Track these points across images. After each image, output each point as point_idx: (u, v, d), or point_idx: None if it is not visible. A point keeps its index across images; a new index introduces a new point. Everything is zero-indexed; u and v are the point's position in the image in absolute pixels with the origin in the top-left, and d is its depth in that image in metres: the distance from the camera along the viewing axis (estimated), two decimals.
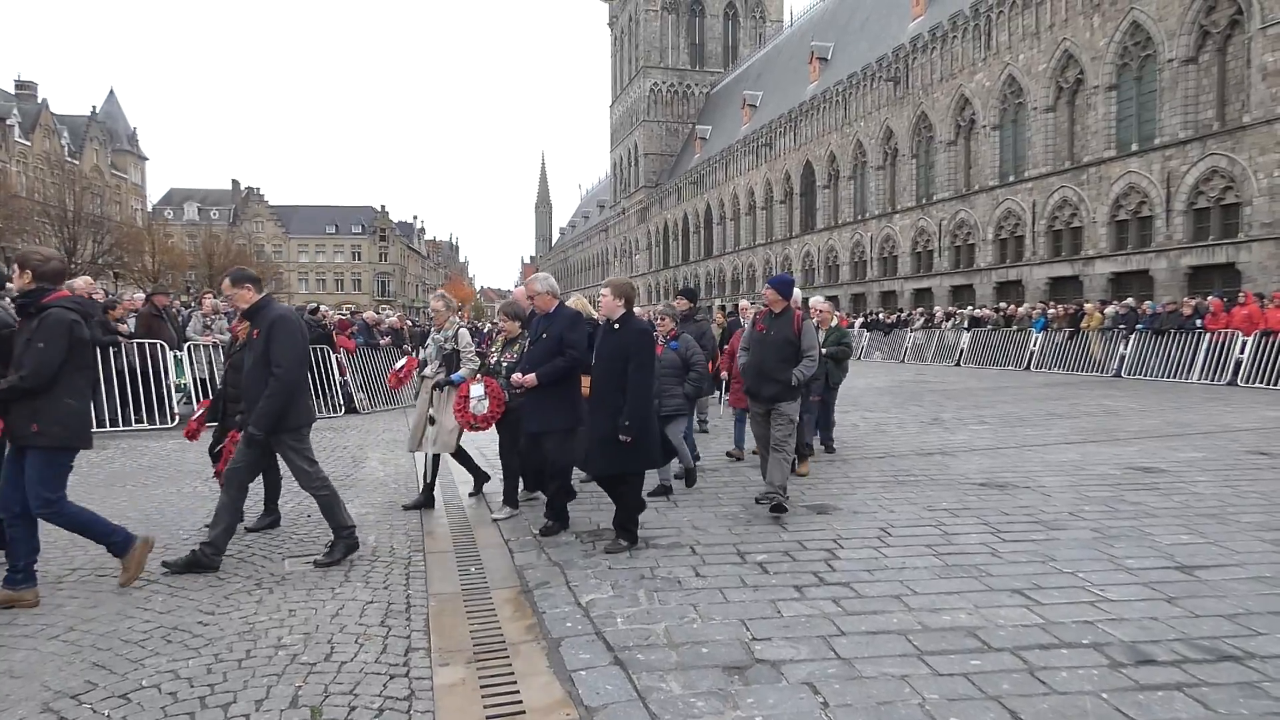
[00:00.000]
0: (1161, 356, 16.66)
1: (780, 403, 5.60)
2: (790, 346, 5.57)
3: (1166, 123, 25.12)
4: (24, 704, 2.92)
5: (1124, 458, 7.71)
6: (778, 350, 5.58)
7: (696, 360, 6.43)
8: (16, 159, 48.99)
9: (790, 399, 5.60)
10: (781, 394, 5.56)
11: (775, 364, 5.55)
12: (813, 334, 5.65)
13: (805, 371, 5.52)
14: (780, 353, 5.58)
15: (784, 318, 5.67)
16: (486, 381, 5.83)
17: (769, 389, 5.59)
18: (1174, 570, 4.29)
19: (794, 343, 5.56)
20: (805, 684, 3.02)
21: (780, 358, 5.56)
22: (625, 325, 4.84)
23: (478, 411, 5.71)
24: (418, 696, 2.99)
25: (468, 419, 5.77)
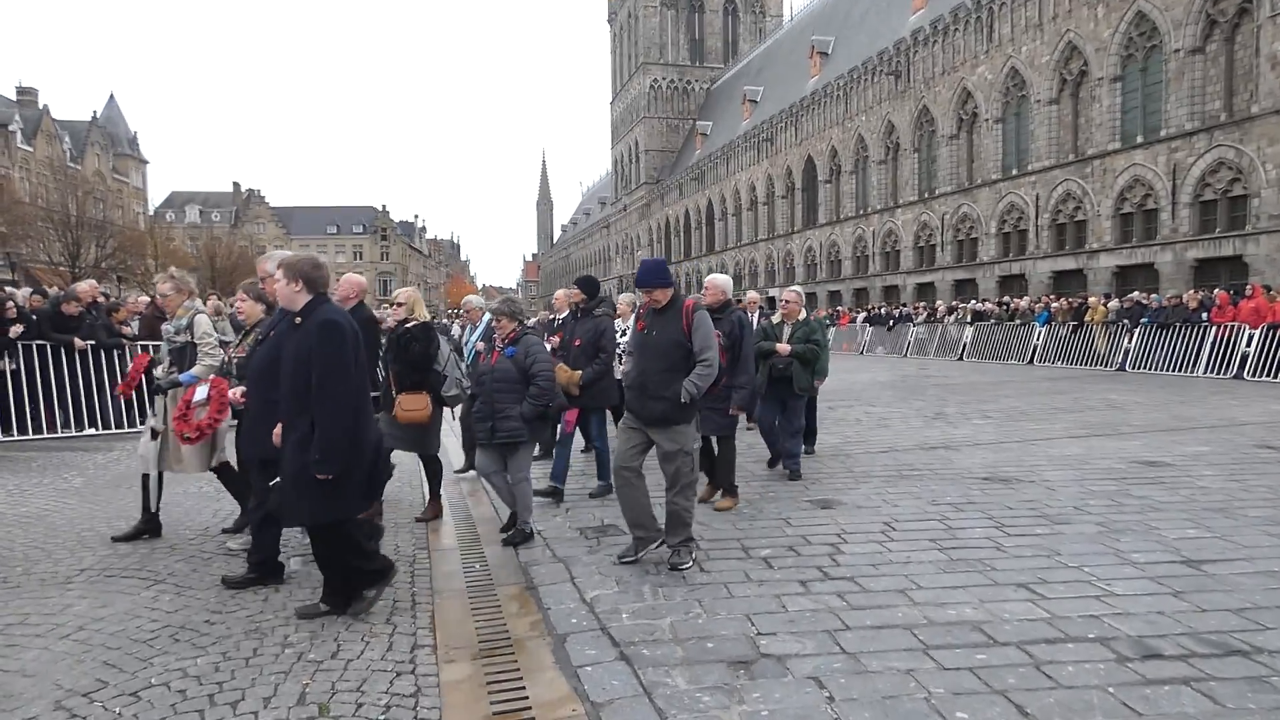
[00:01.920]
0: (1166, 350, 16.59)
1: (671, 426, 4.35)
2: (679, 350, 4.37)
3: (1172, 114, 25.00)
4: (36, 702, 2.94)
5: (1129, 452, 7.69)
6: (662, 356, 4.38)
7: (539, 370, 4.93)
8: (19, 165, 49.06)
9: (684, 420, 4.35)
10: (671, 414, 4.30)
11: (658, 374, 4.34)
12: (709, 331, 4.43)
13: (700, 382, 4.31)
14: (665, 359, 4.36)
15: (669, 313, 4.47)
16: (212, 383, 4.76)
17: (654, 407, 4.34)
18: (1180, 565, 4.28)
19: (683, 345, 4.38)
20: (811, 678, 3.02)
21: (665, 365, 4.35)
22: (309, 318, 3.60)
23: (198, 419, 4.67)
24: (424, 693, 3.00)
25: (182, 429, 4.68)
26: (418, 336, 5.41)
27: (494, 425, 4.90)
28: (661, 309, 4.53)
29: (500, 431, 4.89)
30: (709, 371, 4.36)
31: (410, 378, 5.36)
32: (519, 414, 4.88)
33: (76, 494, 6.56)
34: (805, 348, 6.71)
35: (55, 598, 4.05)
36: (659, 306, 4.53)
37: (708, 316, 4.58)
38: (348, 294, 5.76)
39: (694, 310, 4.47)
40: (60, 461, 8.15)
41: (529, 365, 4.95)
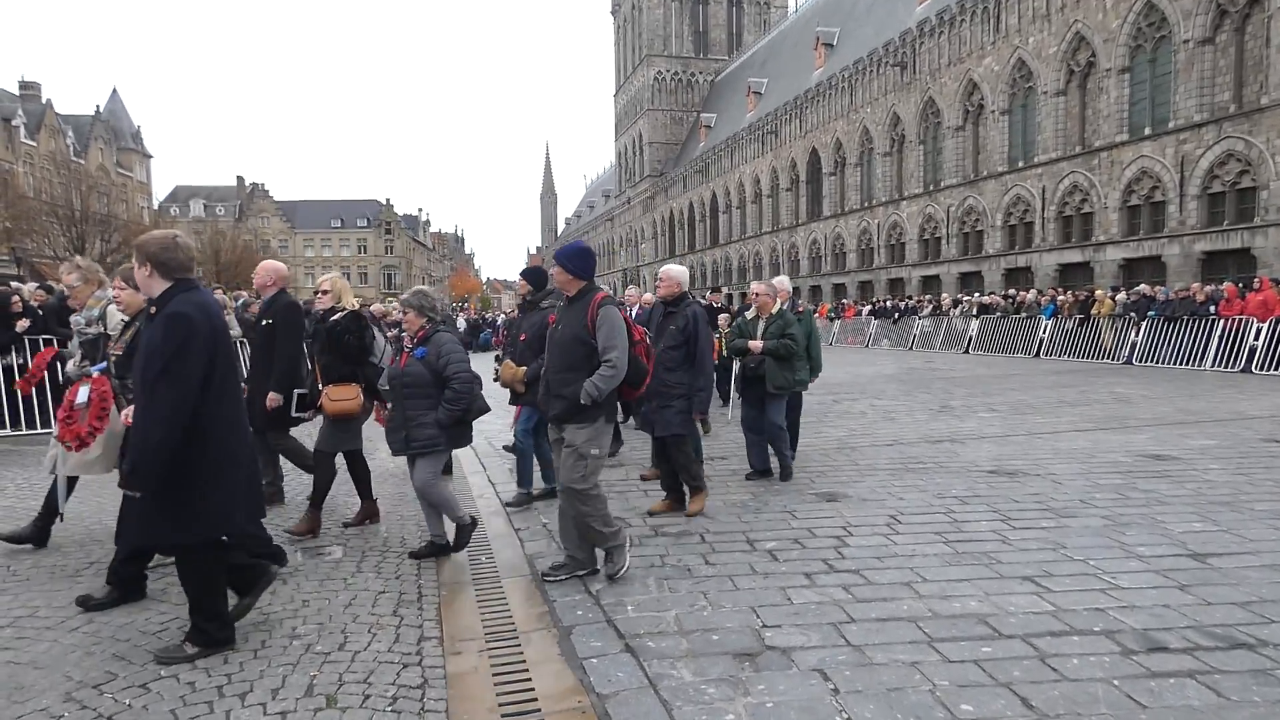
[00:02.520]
0: (1173, 344, 16.52)
1: (569, 425, 4.05)
2: (581, 347, 4.02)
3: (1181, 105, 24.82)
4: (47, 694, 2.96)
5: (1135, 445, 7.67)
6: (563, 352, 4.07)
7: (454, 372, 4.41)
8: (23, 159, 49.16)
9: (583, 420, 4.01)
10: (569, 414, 4.03)
11: (558, 372, 4.07)
12: (615, 329, 3.99)
13: (602, 385, 3.93)
14: (566, 356, 4.06)
15: (577, 306, 4.12)
16: (93, 383, 4.27)
17: (554, 405, 4.09)
18: (1186, 558, 4.27)
19: (586, 342, 4.01)
20: (816, 671, 3.03)
21: (565, 364, 4.05)
22: (161, 308, 3.16)
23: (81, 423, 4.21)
24: (431, 685, 3.02)
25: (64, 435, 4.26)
26: (350, 328, 5.07)
27: (408, 435, 4.42)
28: (571, 301, 4.17)
29: (415, 441, 4.42)
30: (612, 374, 3.95)
31: (340, 370, 5.06)
32: (434, 421, 4.40)
33: (84, 488, 6.58)
34: (778, 344, 6.19)
35: (64, 591, 4.08)
36: (570, 298, 4.18)
37: (617, 314, 4.05)
38: (265, 281, 5.61)
39: (600, 305, 4.03)
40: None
41: (442, 367, 4.43)
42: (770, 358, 6.22)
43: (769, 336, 6.27)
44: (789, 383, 6.32)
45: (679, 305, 5.49)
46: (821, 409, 10.94)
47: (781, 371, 6.26)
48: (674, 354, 5.33)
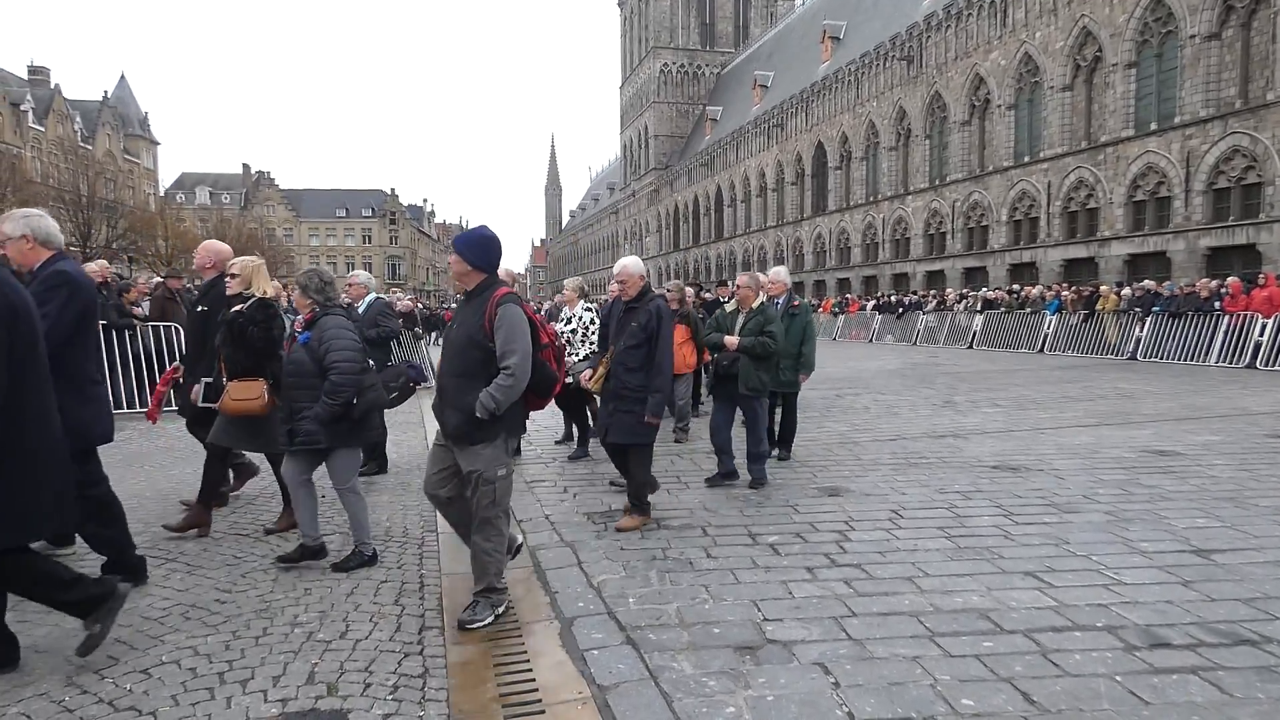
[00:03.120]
0: (1178, 339, 16.46)
1: (468, 445, 3.49)
2: (476, 351, 3.47)
3: (1187, 101, 24.69)
4: (49, 678, 2.97)
5: (1139, 441, 7.65)
6: (458, 357, 3.54)
7: (334, 361, 3.98)
8: (31, 144, 49.25)
9: (483, 439, 3.46)
10: (465, 429, 3.45)
11: (451, 379, 3.54)
12: (517, 330, 3.43)
13: (500, 395, 3.37)
14: (459, 360, 3.52)
15: (474, 303, 3.56)
16: None
17: (448, 419, 3.53)
18: (1190, 554, 4.26)
19: (482, 345, 3.45)
20: (817, 664, 3.03)
21: (460, 369, 3.51)
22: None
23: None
24: (431, 674, 3.02)
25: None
26: (255, 318, 4.58)
27: (291, 429, 4.08)
28: (469, 296, 3.62)
29: (298, 435, 4.03)
30: (511, 383, 3.38)
31: (244, 364, 4.62)
32: (314, 415, 3.95)
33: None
34: (755, 341, 5.71)
35: None
36: (467, 290, 3.63)
37: (518, 312, 3.48)
38: (204, 263, 5.22)
39: (500, 302, 3.45)
40: None
41: (322, 355, 4.00)
42: (746, 355, 5.75)
43: (747, 333, 5.79)
44: (763, 385, 5.84)
45: (641, 301, 5.02)
46: (824, 404, 10.93)
47: (757, 372, 5.77)
48: (636, 353, 4.87)
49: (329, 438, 4.05)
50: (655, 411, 4.84)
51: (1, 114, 46.52)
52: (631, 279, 5.10)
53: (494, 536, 3.58)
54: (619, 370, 4.88)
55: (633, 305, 5.06)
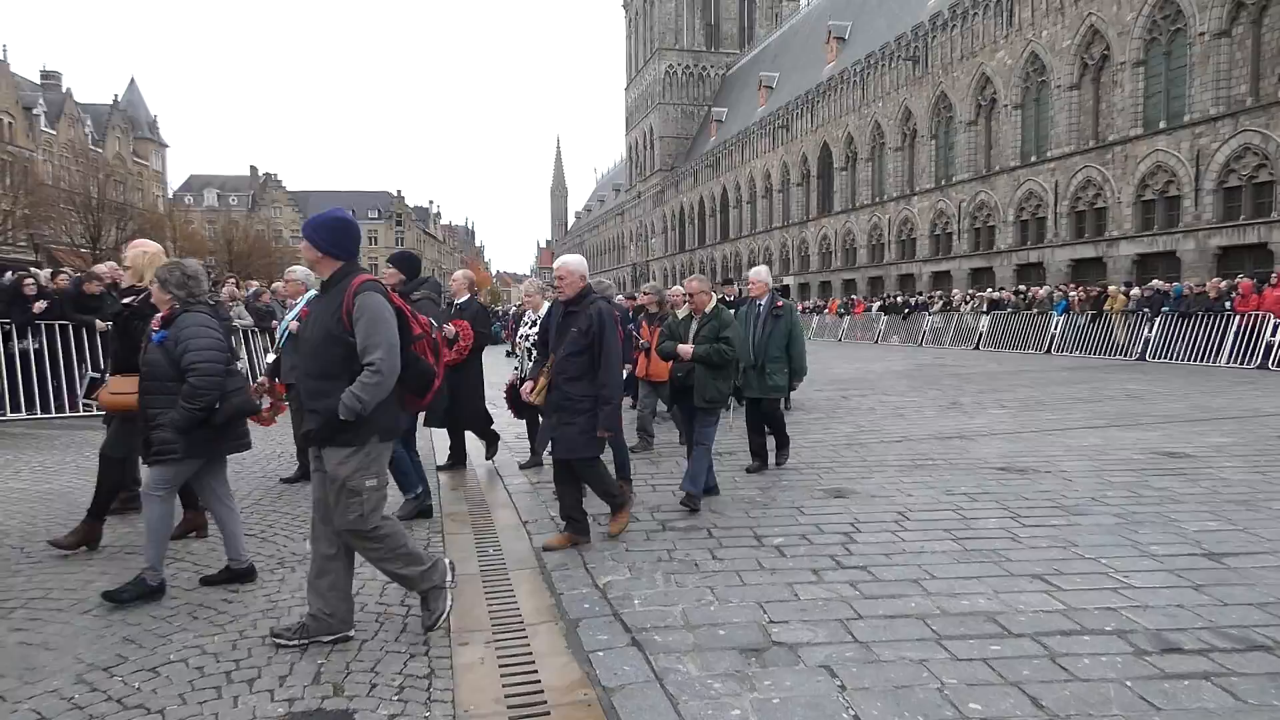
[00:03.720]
0: (1188, 340, 16.37)
1: (325, 448, 3.17)
2: (334, 347, 3.13)
3: (1197, 99, 24.54)
4: (58, 675, 2.99)
5: (1148, 442, 7.60)
6: (315, 355, 3.20)
7: (191, 362, 3.65)
8: (42, 147, 49.53)
9: (347, 442, 3.13)
10: (326, 432, 3.13)
11: (309, 380, 3.22)
12: (379, 320, 3.09)
13: (364, 395, 3.04)
14: (316, 358, 3.19)
15: (331, 294, 3.20)
16: None
17: (308, 424, 3.20)
18: (1201, 557, 4.23)
19: (341, 340, 3.11)
20: (823, 667, 3.02)
21: (319, 369, 3.17)
22: None
23: None
24: (437, 675, 3.02)
25: None
26: (142, 312, 4.23)
27: (147, 438, 3.76)
28: (325, 287, 3.26)
29: (152, 445, 3.71)
30: (377, 380, 3.05)
31: (128, 359, 4.31)
32: (170, 421, 3.63)
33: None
34: (710, 349, 5.24)
35: (77, 573, 4.11)
36: (324, 281, 3.26)
37: (379, 301, 3.13)
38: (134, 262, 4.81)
39: (359, 291, 3.11)
40: (83, 440, 8.24)
41: (180, 355, 3.67)
42: (701, 365, 5.27)
43: (701, 340, 5.32)
44: (722, 396, 5.33)
45: (581, 303, 4.57)
46: (830, 405, 10.90)
47: (714, 382, 5.25)
48: (577, 361, 4.44)
49: (186, 448, 3.68)
50: (608, 424, 4.46)
51: (14, 118, 46.83)
52: (570, 278, 4.60)
53: (380, 541, 3.23)
54: (559, 380, 4.47)
55: (572, 309, 4.58)
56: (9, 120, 46.07)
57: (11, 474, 6.57)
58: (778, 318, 6.36)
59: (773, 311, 6.38)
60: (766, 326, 6.32)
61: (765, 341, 6.27)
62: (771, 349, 6.27)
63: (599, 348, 4.42)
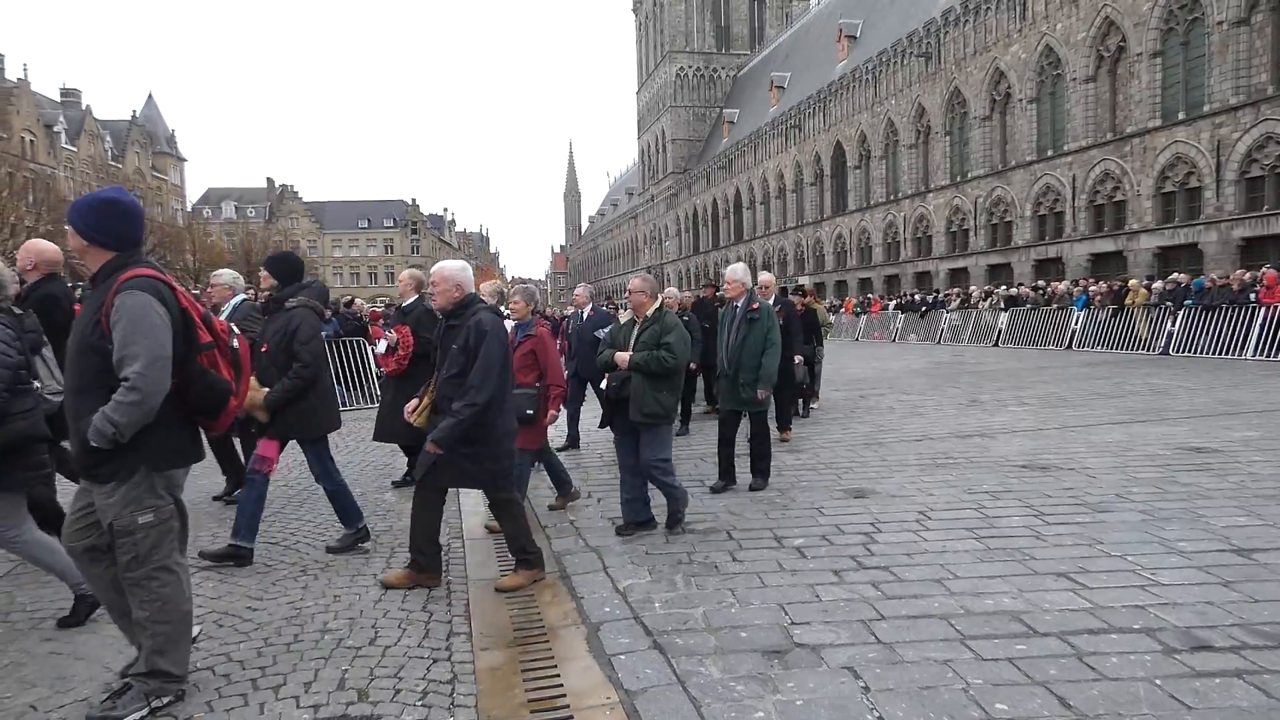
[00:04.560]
0: (1212, 333, 16.11)
1: (95, 484, 2.74)
2: (93, 356, 2.67)
3: (1216, 89, 24.20)
4: (87, 684, 3.03)
5: (1174, 438, 7.48)
6: (72, 365, 2.75)
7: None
8: (64, 164, 50.49)
9: (111, 475, 2.68)
10: (84, 461, 2.71)
11: (70, 395, 2.76)
12: (140, 325, 2.61)
13: (118, 417, 2.57)
14: (75, 370, 2.74)
15: (99, 290, 2.73)
16: None
17: (71, 448, 2.85)
18: (1230, 553, 4.16)
19: (98, 348, 2.66)
20: (846, 668, 3.00)
21: (76, 381, 2.74)
22: None
23: None
24: (460, 680, 3.04)
25: None
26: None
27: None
28: (93, 282, 2.78)
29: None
30: (135, 399, 2.57)
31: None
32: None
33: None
34: (648, 356, 4.66)
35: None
36: (92, 275, 2.78)
37: (143, 301, 2.64)
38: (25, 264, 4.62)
39: (122, 289, 2.64)
40: None
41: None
42: (639, 375, 4.70)
43: (641, 346, 4.75)
44: (665, 410, 4.72)
45: (461, 315, 3.99)
46: (848, 405, 10.84)
47: (652, 393, 4.67)
48: (459, 383, 3.86)
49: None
50: (440, 438, 3.84)
51: (36, 136, 47.76)
52: (443, 285, 3.99)
53: (151, 603, 2.74)
54: (441, 404, 3.94)
55: (451, 322, 4.02)
56: (31, 138, 47.00)
57: None
58: (753, 321, 5.71)
59: (748, 315, 5.75)
60: (741, 331, 5.72)
61: (739, 348, 5.69)
62: (745, 357, 5.67)
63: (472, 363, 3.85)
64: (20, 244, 25.90)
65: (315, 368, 4.46)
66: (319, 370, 4.52)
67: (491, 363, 3.85)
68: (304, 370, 4.39)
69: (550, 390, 5.14)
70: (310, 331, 4.48)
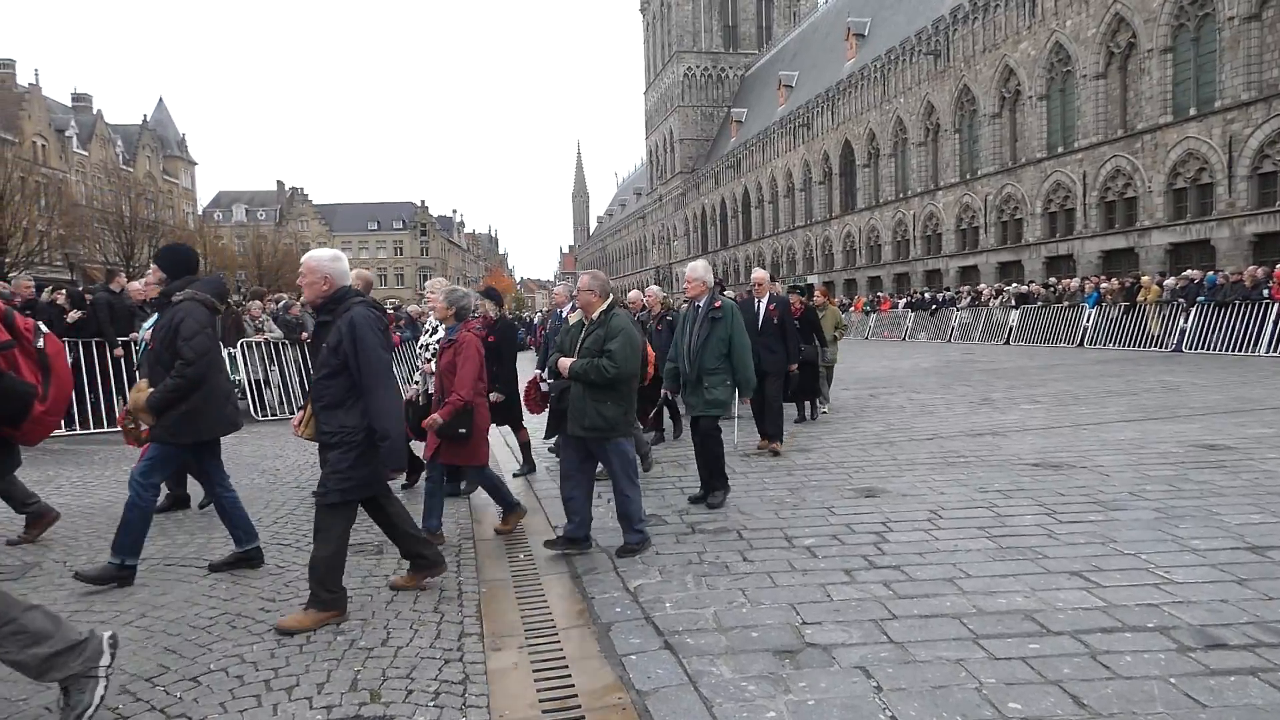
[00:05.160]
0: (1225, 329, 15.98)
1: None
2: None
3: (1228, 84, 24.00)
4: None
5: (1187, 435, 7.43)
6: None
7: None
8: (75, 168, 50.91)
9: None
10: None
11: None
12: None
13: None
14: None
15: None
16: None
17: None
18: (1244, 551, 4.12)
19: None
20: (858, 668, 2.99)
21: None
22: None
23: None
24: (472, 680, 3.05)
25: None
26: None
27: None
28: None
29: None
30: None
31: None
32: None
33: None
34: (587, 364, 4.26)
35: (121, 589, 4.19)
36: None
37: None
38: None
39: None
40: (121, 455, 8.42)
41: None
42: (578, 384, 4.34)
43: (584, 352, 4.35)
44: (608, 423, 4.31)
45: (334, 310, 3.61)
46: (858, 404, 10.80)
47: (594, 405, 4.28)
48: (331, 385, 3.57)
49: None
50: (390, 463, 3.57)
51: (48, 141, 48.19)
52: (311, 277, 3.63)
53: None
54: (316, 408, 3.66)
55: (323, 318, 3.70)
56: (43, 143, 47.40)
57: (54, 489, 6.74)
58: (715, 320, 5.45)
59: (709, 314, 5.49)
60: (702, 331, 5.46)
61: (700, 349, 5.42)
62: (707, 358, 5.40)
63: (355, 368, 3.49)
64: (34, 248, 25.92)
65: (200, 366, 4.10)
66: (206, 369, 4.14)
67: (377, 365, 3.53)
68: (186, 369, 4.06)
69: (451, 397, 4.54)
70: (195, 327, 4.12)
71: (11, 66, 48.43)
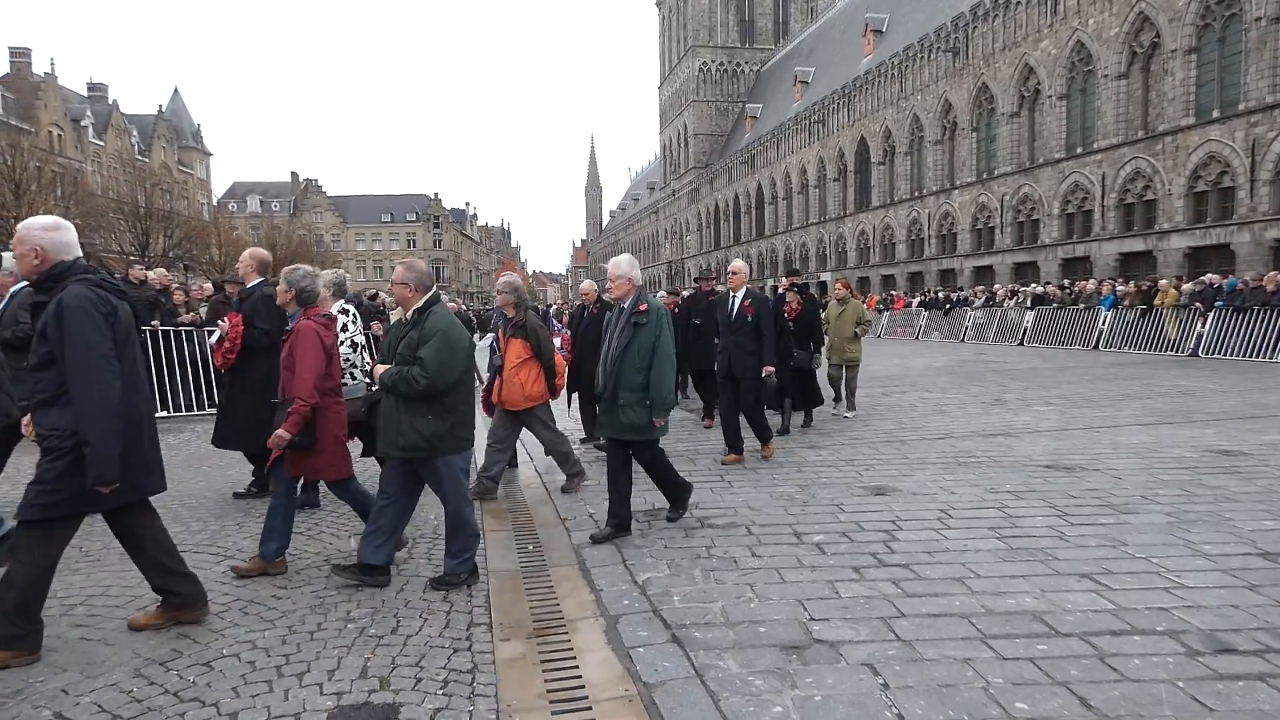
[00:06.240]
0: (1243, 335, 15.79)
1: None
2: None
3: (1252, 86, 23.68)
4: (118, 669, 3.11)
5: (1202, 440, 7.36)
6: None
7: None
8: (91, 159, 51.37)
9: None
10: None
11: None
12: None
13: None
14: None
15: None
16: None
17: None
18: (1256, 556, 4.10)
19: None
20: (865, 665, 3.00)
21: None
22: None
23: None
24: (480, 670, 3.07)
25: None
26: None
27: None
28: None
29: None
30: None
31: None
32: None
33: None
34: (396, 375, 3.73)
35: (134, 571, 4.21)
36: None
37: None
38: None
39: None
40: None
41: None
42: (390, 396, 3.81)
43: (398, 358, 3.81)
44: (425, 441, 3.76)
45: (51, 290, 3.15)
46: (869, 402, 10.77)
47: (408, 418, 3.75)
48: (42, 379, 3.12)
49: None
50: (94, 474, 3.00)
51: (64, 131, 48.63)
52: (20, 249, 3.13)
53: None
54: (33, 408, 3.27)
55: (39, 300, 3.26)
56: (59, 133, 47.85)
57: None
58: (637, 326, 4.55)
59: (631, 319, 4.60)
60: (622, 339, 4.57)
61: (618, 360, 4.53)
62: (626, 371, 4.53)
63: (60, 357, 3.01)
64: None
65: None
66: None
67: (85, 354, 2.97)
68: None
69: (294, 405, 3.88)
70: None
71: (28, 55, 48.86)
